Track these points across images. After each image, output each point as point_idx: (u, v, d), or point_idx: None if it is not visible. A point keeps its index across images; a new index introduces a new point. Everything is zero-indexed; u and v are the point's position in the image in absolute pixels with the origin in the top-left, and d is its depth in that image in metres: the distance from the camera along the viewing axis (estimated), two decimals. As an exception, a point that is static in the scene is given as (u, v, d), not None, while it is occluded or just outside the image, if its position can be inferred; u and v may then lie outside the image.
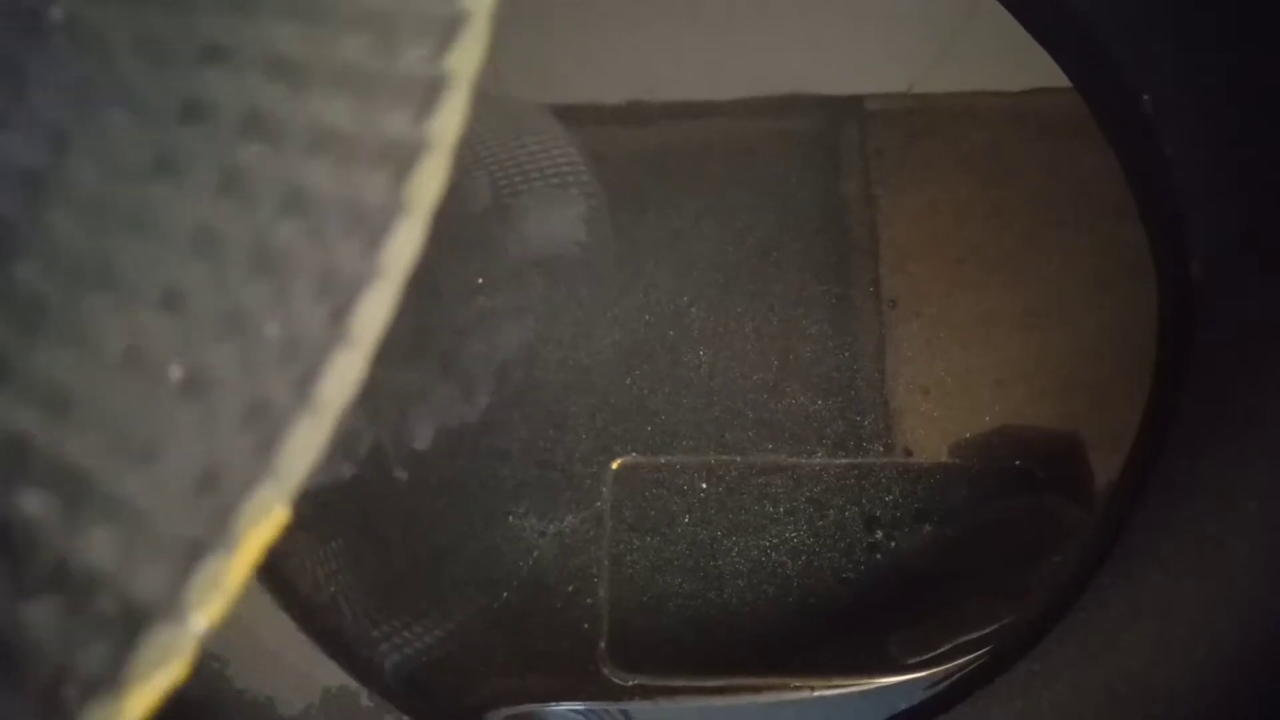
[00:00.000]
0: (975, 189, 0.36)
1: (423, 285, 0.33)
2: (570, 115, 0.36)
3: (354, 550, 0.34)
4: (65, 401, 0.12)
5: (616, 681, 0.33)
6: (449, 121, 0.13)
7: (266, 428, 0.12)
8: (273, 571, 0.34)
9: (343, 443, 0.33)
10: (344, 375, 0.12)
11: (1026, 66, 0.36)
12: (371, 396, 0.33)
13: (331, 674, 0.33)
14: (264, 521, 0.12)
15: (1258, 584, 0.30)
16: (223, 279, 0.12)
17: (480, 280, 0.34)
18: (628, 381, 0.34)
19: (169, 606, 0.12)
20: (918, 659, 0.33)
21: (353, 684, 0.33)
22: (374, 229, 0.13)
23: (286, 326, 0.12)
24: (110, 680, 0.12)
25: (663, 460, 0.34)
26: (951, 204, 0.36)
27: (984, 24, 0.36)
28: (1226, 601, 0.30)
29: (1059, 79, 0.36)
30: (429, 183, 0.13)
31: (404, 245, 0.13)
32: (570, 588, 0.33)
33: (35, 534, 0.12)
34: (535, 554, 0.33)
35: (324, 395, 0.12)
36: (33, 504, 0.12)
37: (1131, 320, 0.34)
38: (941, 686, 0.33)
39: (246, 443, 0.12)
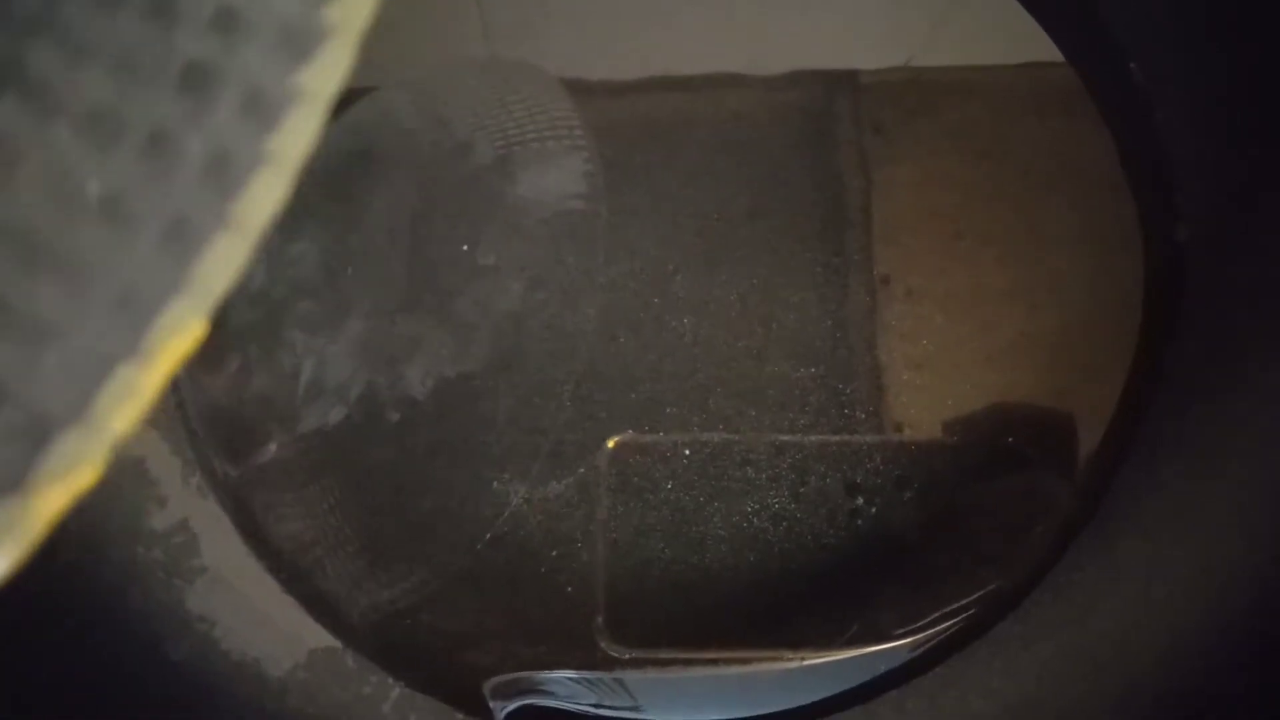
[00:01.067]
0: (969, 163, 0.36)
1: (420, 237, 0.33)
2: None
3: (341, 513, 0.34)
4: None
5: (611, 654, 0.33)
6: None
7: (185, 244, 0.13)
8: (259, 534, 0.34)
9: (336, 387, 0.34)
10: (265, 194, 0.13)
11: (1020, 41, 0.36)
12: (366, 343, 0.34)
13: (318, 635, 0.33)
14: (180, 334, 0.13)
15: (1238, 546, 0.30)
16: (146, 96, 0.13)
17: (479, 233, 0.34)
18: (613, 349, 0.34)
19: (78, 415, 0.12)
20: (900, 629, 0.33)
21: (338, 645, 0.33)
22: (299, 49, 0.13)
23: (208, 144, 0.13)
24: (16, 483, 0.12)
25: (655, 439, 0.34)
26: (945, 178, 0.36)
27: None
28: (1207, 563, 0.30)
29: (1053, 53, 0.36)
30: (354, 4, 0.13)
31: (328, 69, 0.13)
32: (555, 553, 0.34)
33: None
34: (520, 519, 0.34)
35: (244, 212, 0.13)
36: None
37: (1124, 296, 0.34)
38: (923, 649, 0.33)
39: (164, 259, 0.13)
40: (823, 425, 0.34)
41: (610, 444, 0.34)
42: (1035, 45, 0.36)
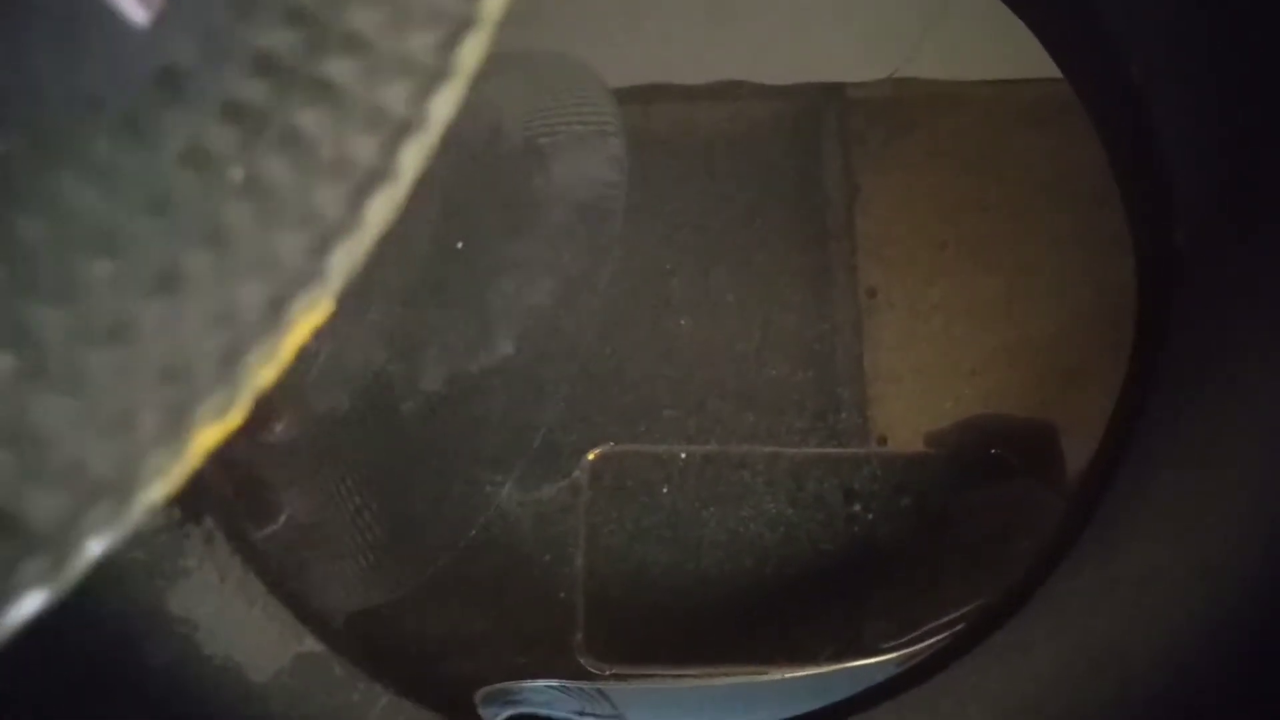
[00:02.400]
0: (955, 177, 0.36)
1: (451, 224, 0.33)
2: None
3: (327, 515, 0.33)
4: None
5: (592, 670, 0.32)
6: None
7: (234, 338, 0.12)
8: (243, 536, 0.33)
9: (345, 373, 0.33)
10: (313, 310, 0.12)
11: (1007, 54, 0.36)
12: (385, 330, 0.33)
13: (303, 640, 0.32)
14: (213, 425, 0.12)
15: (1234, 553, 0.30)
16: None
17: (507, 223, 0.34)
18: (607, 350, 0.34)
19: (117, 485, 0.12)
20: (897, 638, 0.33)
21: (324, 650, 0.32)
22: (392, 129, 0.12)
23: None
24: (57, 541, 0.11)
25: (646, 449, 0.33)
26: (931, 191, 0.36)
27: (965, 11, 0.37)
28: (1203, 570, 0.30)
29: (1039, 68, 0.36)
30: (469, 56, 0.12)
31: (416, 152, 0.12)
32: (547, 557, 0.33)
33: None
34: (513, 523, 0.33)
35: (291, 317, 0.12)
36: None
37: (1111, 307, 0.34)
38: (917, 660, 0.32)
39: (213, 348, 0.12)
40: (820, 429, 0.34)
41: (591, 456, 0.33)
42: (1021, 60, 0.36)
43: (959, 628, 0.32)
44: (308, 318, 0.12)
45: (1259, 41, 0.31)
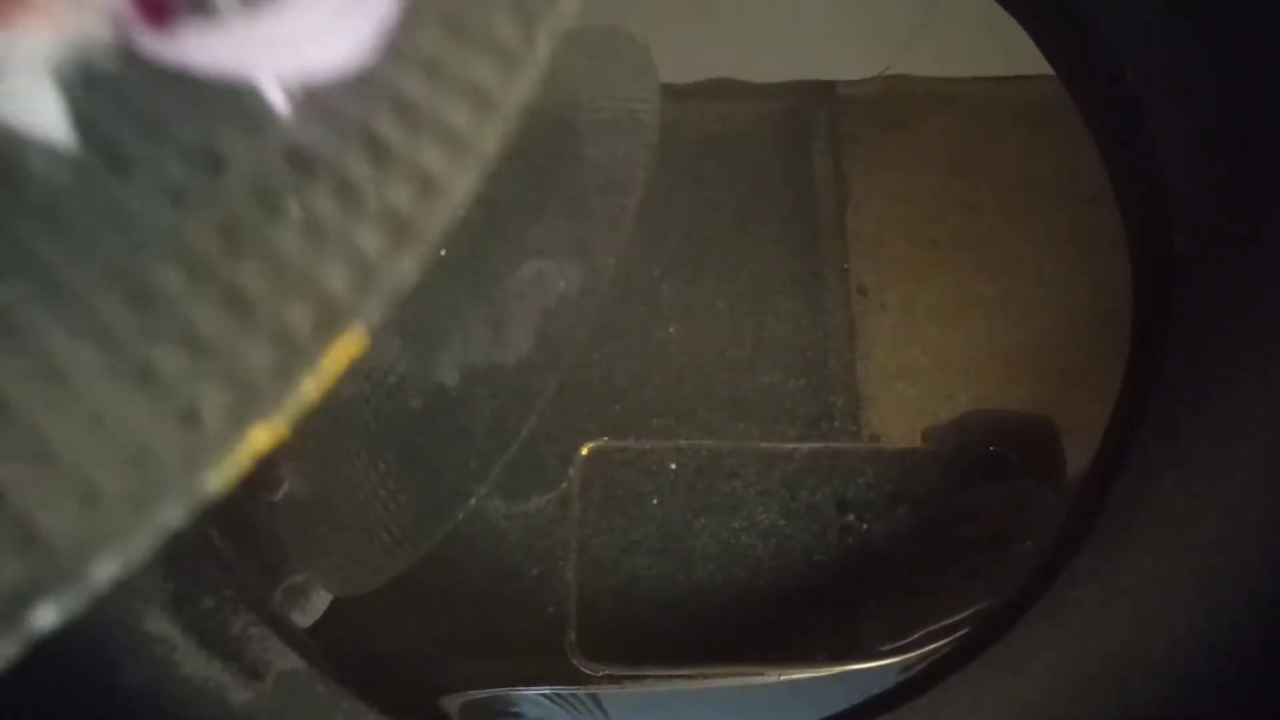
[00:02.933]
0: (947, 174, 0.36)
1: (479, 212, 0.32)
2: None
3: (309, 528, 0.32)
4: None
5: (586, 671, 0.32)
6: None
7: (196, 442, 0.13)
8: (222, 552, 0.32)
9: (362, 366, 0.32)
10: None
11: (998, 53, 0.36)
12: (402, 321, 0.32)
13: (285, 658, 0.32)
14: (349, 340, 0.13)
15: (1234, 562, 0.30)
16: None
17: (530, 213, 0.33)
18: (596, 358, 0.34)
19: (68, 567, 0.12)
20: (889, 645, 0.32)
21: (307, 669, 0.32)
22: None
23: None
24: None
25: (634, 444, 0.33)
26: (923, 189, 0.36)
27: (957, 8, 0.36)
28: (1203, 580, 0.30)
29: (1031, 66, 0.36)
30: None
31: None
32: (536, 570, 0.32)
33: None
34: (500, 536, 0.32)
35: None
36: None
37: (1103, 305, 0.34)
38: (916, 670, 0.32)
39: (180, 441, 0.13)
40: (812, 439, 0.33)
41: (584, 450, 0.33)
42: (1014, 58, 0.36)
43: (960, 633, 0.32)
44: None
45: (1255, 44, 0.31)
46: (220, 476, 0.13)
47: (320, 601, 0.32)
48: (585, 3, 0.14)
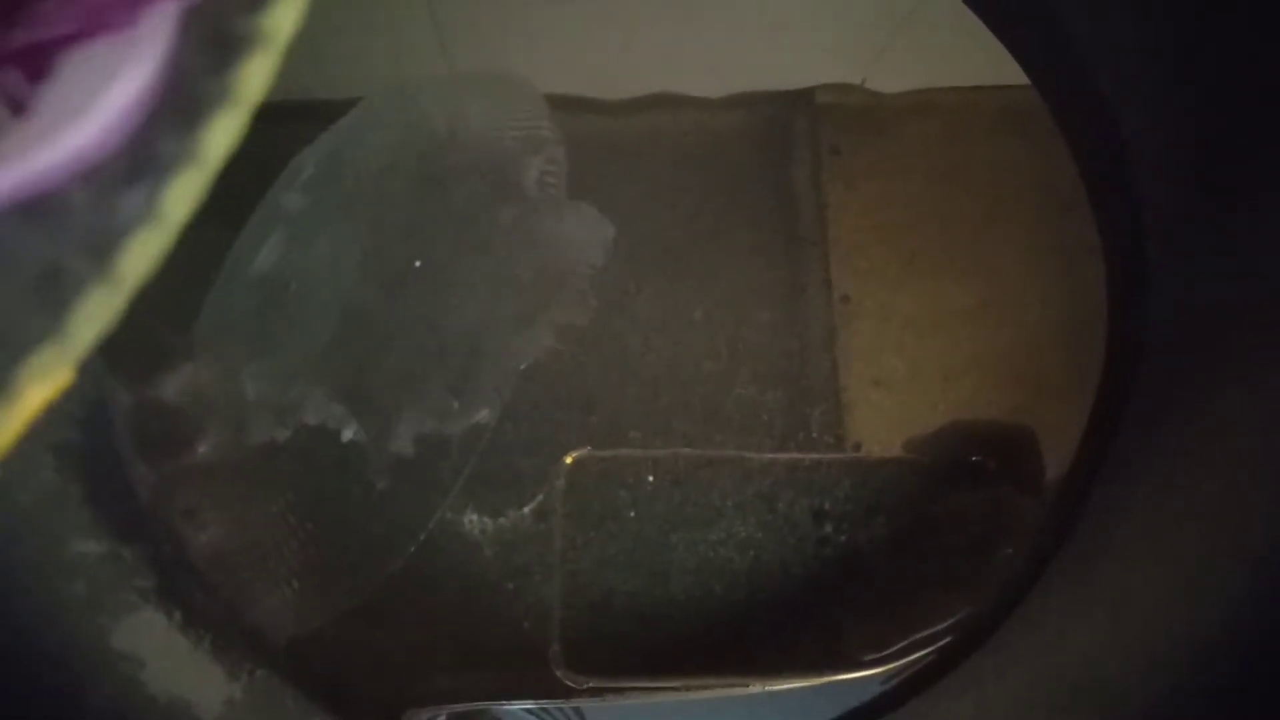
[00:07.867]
0: (925, 183, 0.36)
1: (439, 279, 0.32)
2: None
3: (285, 543, 0.32)
4: None
5: (567, 683, 0.31)
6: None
7: (59, 293, 0.13)
8: (193, 566, 0.32)
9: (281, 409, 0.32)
10: (145, 250, 0.13)
11: (976, 63, 0.36)
12: (361, 385, 0.32)
13: (253, 675, 0.31)
14: (46, 379, 0.13)
15: (1212, 570, 0.30)
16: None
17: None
18: (573, 370, 0.33)
19: None
20: (871, 656, 0.32)
21: (278, 683, 0.31)
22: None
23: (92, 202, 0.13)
24: None
25: (613, 454, 0.33)
26: (902, 198, 0.35)
27: (934, 19, 0.36)
28: (1181, 588, 0.30)
29: (1009, 75, 0.36)
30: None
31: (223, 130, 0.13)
32: (512, 585, 0.32)
33: None
34: (477, 550, 0.32)
35: (122, 268, 0.13)
36: None
37: (1081, 313, 0.34)
38: (894, 682, 0.32)
39: (37, 304, 0.13)
40: (789, 450, 0.33)
41: (568, 460, 0.32)
42: (991, 67, 0.36)
43: (942, 642, 0.32)
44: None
45: (1229, 53, 0.31)
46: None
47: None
48: (563, 14, 0.14)
